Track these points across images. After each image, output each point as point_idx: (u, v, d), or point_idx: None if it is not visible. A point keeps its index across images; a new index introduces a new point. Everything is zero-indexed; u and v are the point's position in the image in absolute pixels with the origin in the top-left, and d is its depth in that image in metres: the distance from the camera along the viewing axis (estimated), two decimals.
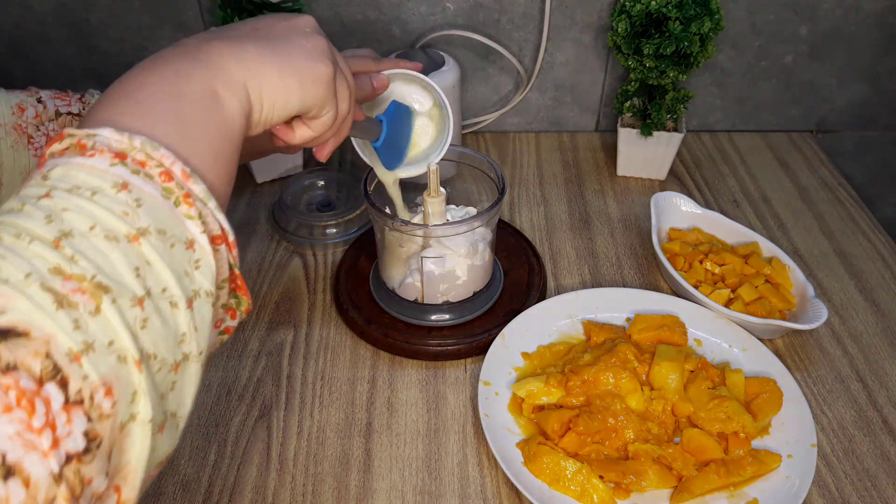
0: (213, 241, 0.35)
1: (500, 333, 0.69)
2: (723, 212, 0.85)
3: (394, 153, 0.64)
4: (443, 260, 0.69)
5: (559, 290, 0.78)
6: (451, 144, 0.67)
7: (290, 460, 0.62)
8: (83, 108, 0.61)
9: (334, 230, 0.84)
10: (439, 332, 0.71)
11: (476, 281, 0.72)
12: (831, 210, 0.90)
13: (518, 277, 0.77)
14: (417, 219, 0.70)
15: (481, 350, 0.69)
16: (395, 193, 0.68)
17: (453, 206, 0.73)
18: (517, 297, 0.75)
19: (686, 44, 0.80)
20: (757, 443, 0.61)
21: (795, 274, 0.74)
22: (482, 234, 0.70)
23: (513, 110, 1.03)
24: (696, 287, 0.73)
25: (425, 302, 0.71)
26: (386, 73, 0.62)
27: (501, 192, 0.68)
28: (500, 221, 0.82)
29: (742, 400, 0.63)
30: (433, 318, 0.72)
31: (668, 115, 0.89)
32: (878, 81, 1.01)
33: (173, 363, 0.31)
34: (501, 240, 0.81)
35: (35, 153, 0.58)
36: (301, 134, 0.47)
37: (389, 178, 0.67)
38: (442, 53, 0.88)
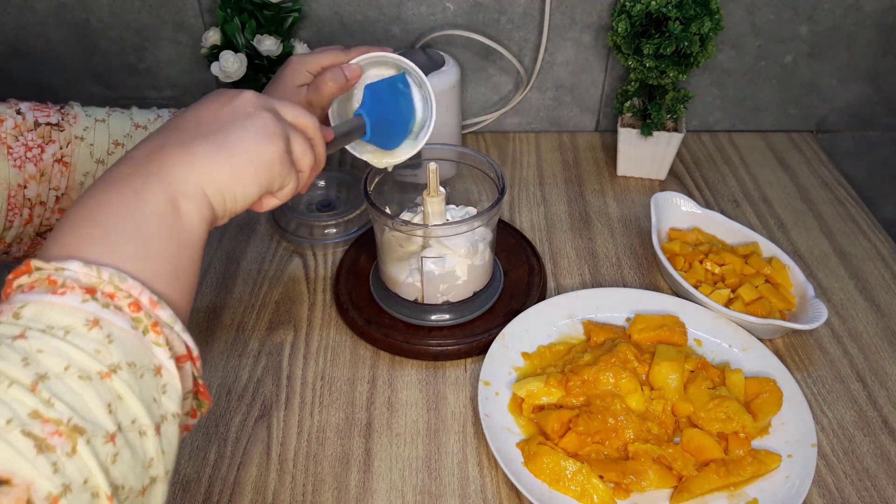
0: (178, 360, 0.36)
1: (500, 333, 0.69)
2: (723, 212, 0.85)
3: (392, 132, 0.62)
4: (443, 260, 0.69)
5: (559, 290, 0.78)
6: (451, 144, 0.66)
7: (290, 460, 0.62)
8: (62, 119, 0.62)
9: (334, 230, 0.84)
10: (439, 332, 0.71)
11: (476, 281, 0.72)
12: (831, 210, 0.90)
13: (518, 277, 0.77)
14: (417, 219, 0.70)
15: (481, 350, 0.69)
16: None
17: (453, 206, 0.73)
18: (517, 297, 0.75)
19: (686, 44, 0.80)
20: (757, 443, 0.61)
21: (795, 274, 0.74)
22: (482, 234, 0.70)
23: (513, 110, 1.03)
24: (696, 287, 0.73)
25: (425, 302, 0.71)
26: (356, 60, 0.61)
27: (501, 192, 0.68)
28: (500, 221, 0.82)
29: (742, 400, 0.63)
30: (433, 318, 0.72)
31: (668, 115, 0.89)
32: (878, 81, 1.01)
33: (140, 488, 0.32)
34: (501, 240, 0.81)
35: (14, 163, 0.59)
36: (269, 204, 0.48)
37: (389, 163, 0.65)
38: (442, 53, 0.88)
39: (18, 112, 0.60)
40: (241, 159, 0.43)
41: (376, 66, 0.63)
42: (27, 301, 0.33)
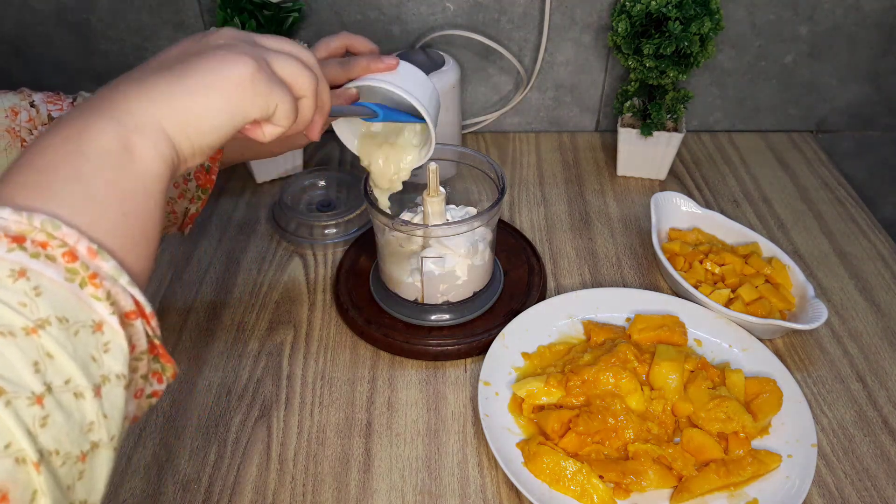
0: (126, 316, 0.33)
1: (500, 333, 0.69)
2: (723, 212, 0.85)
3: (401, 114, 0.60)
4: (443, 260, 0.69)
5: (559, 290, 0.78)
6: (451, 144, 0.66)
7: (290, 460, 0.62)
8: None
9: (334, 230, 0.84)
10: (439, 332, 0.71)
11: (476, 281, 0.72)
12: (831, 210, 0.90)
13: (518, 277, 0.77)
14: (417, 219, 0.70)
15: (481, 350, 0.69)
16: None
17: (453, 206, 0.73)
18: (517, 297, 0.75)
19: (686, 44, 0.80)
20: (757, 443, 0.61)
21: (795, 274, 0.74)
22: (482, 234, 0.70)
23: (513, 110, 1.03)
24: (696, 287, 0.73)
25: (425, 302, 0.71)
26: (354, 84, 0.58)
27: (501, 192, 0.68)
28: (500, 221, 0.82)
29: (742, 400, 0.63)
30: (433, 318, 0.72)
31: (668, 115, 0.89)
32: (878, 81, 1.01)
33: (79, 454, 0.30)
34: (501, 240, 0.81)
35: None
36: (269, 132, 0.44)
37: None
38: (442, 53, 0.88)
39: (32, 105, 0.59)
40: (203, 84, 0.39)
41: (373, 94, 0.61)
42: None
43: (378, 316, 0.72)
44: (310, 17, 0.93)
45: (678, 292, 0.76)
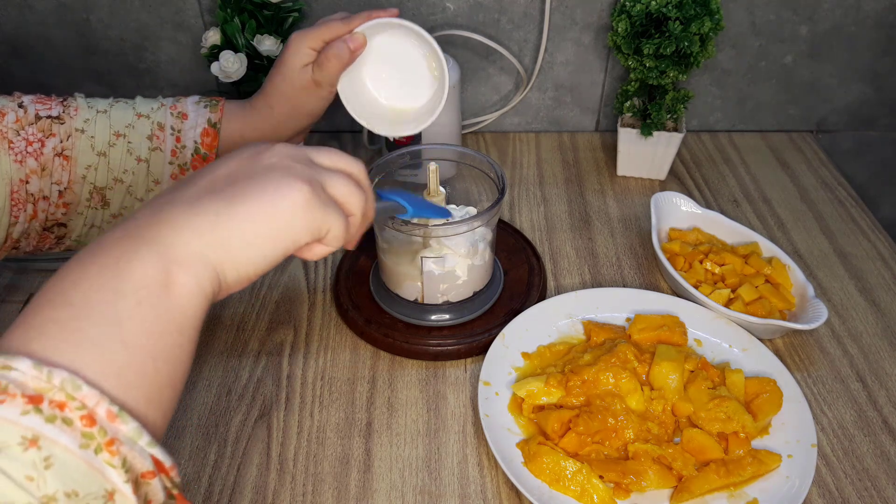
0: (142, 476, 0.31)
1: (500, 333, 0.69)
2: (723, 212, 0.85)
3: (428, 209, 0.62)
4: (443, 260, 0.69)
5: (559, 290, 0.78)
6: (451, 144, 0.67)
7: (290, 460, 0.62)
8: (63, 111, 0.61)
9: None
10: (439, 332, 0.71)
11: (476, 281, 0.72)
12: (831, 210, 0.90)
13: (518, 277, 0.77)
14: (417, 218, 0.70)
15: (481, 350, 0.69)
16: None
17: (453, 206, 0.73)
18: (517, 297, 0.75)
19: (686, 44, 0.80)
20: (757, 443, 0.61)
21: (795, 274, 0.74)
22: (482, 234, 0.70)
23: (513, 110, 1.03)
24: (696, 287, 0.73)
25: (425, 302, 0.71)
26: (360, 28, 0.59)
27: (501, 192, 0.68)
28: (500, 221, 0.82)
29: (742, 400, 0.63)
30: (433, 318, 0.72)
31: (668, 115, 0.89)
32: (878, 81, 1.01)
33: None
34: (501, 240, 0.81)
35: (15, 158, 0.57)
36: (319, 252, 0.42)
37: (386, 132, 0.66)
38: None
39: (20, 105, 0.59)
40: (253, 212, 0.36)
41: (382, 31, 0.62)
42: None
43: (378, 316, 0.72)
44: (310, 17, 0.93)
45: (678, 292, 0.76)
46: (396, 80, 0.67)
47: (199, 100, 0.66)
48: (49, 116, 0.60)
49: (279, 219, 0.37)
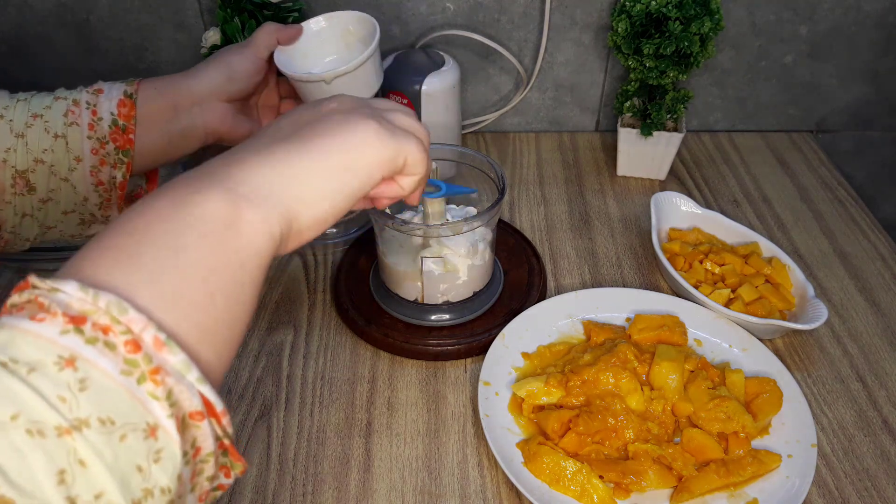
0: (190, 416, 0.29)
1: (500, 333, 0.69)
2: (723, 212, 0.85)
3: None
4: (443, 260, 0.69)
5: (559, 290, 0.78)
6: (451, 144, 0.67)
7: (290, 460, 0.62)
8: None
9: (334, 230, 0.84)
10: (439, 332, 0.71)
11: (476, 281, 0.72)
12: (831, 210, 0.90)
13: (518, 277, 0.77)
14: (417, 219, 0.70)
15: (481, 350, 0.69)
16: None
17: (453, 206, 0.73)
18: (517, 297, 0.75)
19: (686, 44, 0.80)
20: (757, 443, 0.61)
21: (795, 274, 0.74)
22: (482, 234, 0.70)
23: (513, 110, 1.03)
24: (696, 287, 0.73)
25: (425, 302, 0.71)
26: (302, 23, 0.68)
27: (501, 192, 0.68)
28: (500, 221, 0.82)
29: (742, 400, 0.63)
30: (433, 318, 0.72)
31: (668, 115, 0.89)
32: (878, 81, 1.01)
33: None
34: (501, 240, 0.81)
35: None
36: (406, 183, 0.42)
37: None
38: (442, 53, 0.88)
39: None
40: (325, 148, 0.37)
41: (341, 25, 0.70)
42: (3, 324, 0.27)
43: (378, 316, 0.72)
44: (310, 17, 0.93)
45: (678, 292, 0.76)
46: (332, 56, 0.72)
47: (117, 81, 0.64)
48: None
49: (352, 151, 0.38)
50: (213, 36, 0.88)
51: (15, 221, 0.61)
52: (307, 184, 0.36)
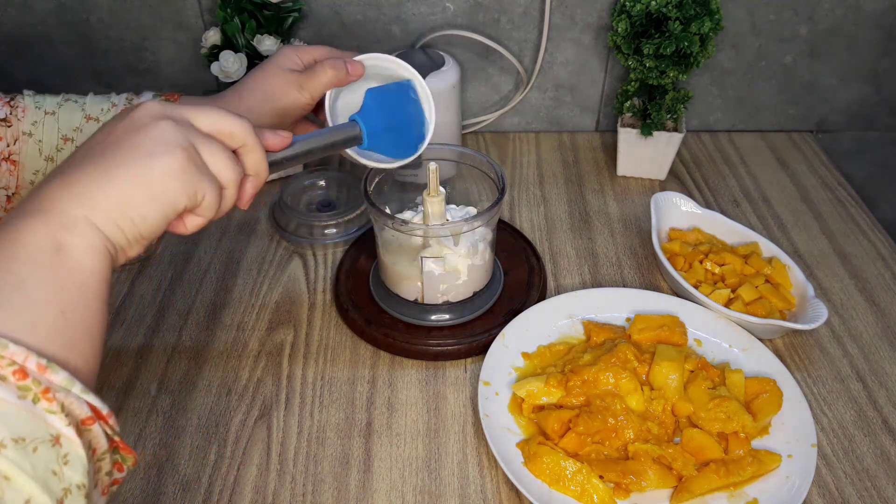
0: (82, 423, 0.33)
1: (500, 333, 0.69)
2: (723, 212, 0.85)
3: (400, 140, 0.59)
4: (443, 260, 0.69)
5: (559, 290, 0.78)
6: (451, 144, 0.66)
7: (290, 460, 0.62)
8: (10, 113, 0.59)
9: (334, 230, 0.84)
10: (439, 332, 0.71)
11: (476, 281, 0.72)
12: (831, 210, 0.90)
13: (518, 277, 0.77)
14: (417, 219, 0.70)
15: (481, 350, 0.69)
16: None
17: (453, 206, 0.73)
18: (517, 297, 0.75)
19: (686, 44, 0.80)
20: (757, 443, 0.61)
21: (795, 274, 0.74)
22: (482, 234, 0.70)
23: (513, 110, 1.03)
24: (696, 287, 0.73)
25: (425, 302, 0.71)
26: (361, 57, 0.59)
27: (501, 192, 0.68)
28: (500, 221, 0.82)
29: (742, 400, 0.63)
30: (433, 318, 0.72)
31: (668, 115, 0.89)
32: (878, 81, 1.01)
33: None
34: (501, 240, 0.81)
35: None
36: (192, 224, 0.43)
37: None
38: (442, 53, 0.88)
39: None
40: (126, 177, 0.38)
41: (377, 70, 0.61)
42: None
43: (378, 316, 0.72)
44: (310, 17, 0.93)
45: (678, 292, 0.76)
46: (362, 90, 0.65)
47: (155, 95, 0.63)
48: None
49: (154, 183, 0.39)
50: (213, 36, 0.88)
51: None
52: (113, 211, 0.38)
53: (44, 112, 0.60)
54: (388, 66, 0.61)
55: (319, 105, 0.62)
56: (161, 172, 0.39)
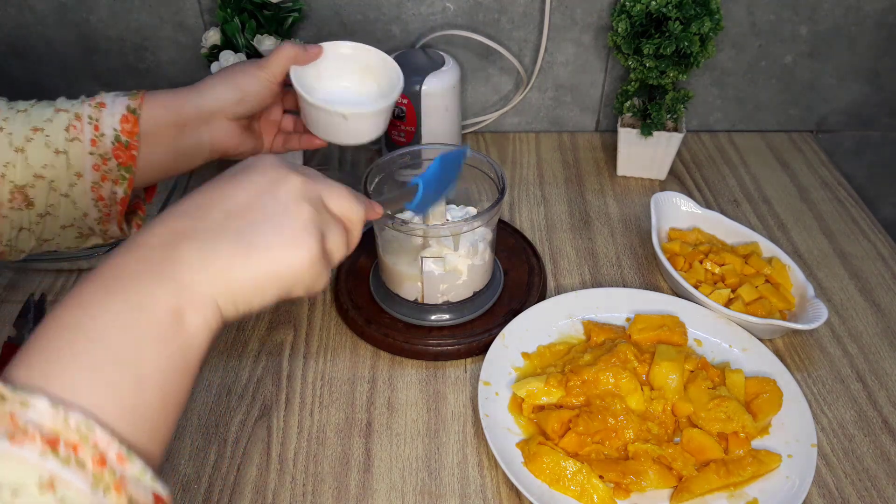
0: None
1: (500, 333, 0.69)
2: (723, 212, 0.85)
3: (432, 201, 0.62)
4: (443, 260, 0.69)
5: (559, 290, 0.78)
6: (450, 145, 0.67)
7: (290, 460, 0.62)
8: None
9: None
10: (439, 332, 0.71)
11: (476, 281, 0.72)
12: (831, 210, 0.90)
13: (518, 277, 0.77)
14: (417, 219, 0.70)
15: (481, 350, 0.69)
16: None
17: (453, 206, 0.73)
18: (517, 297, 0.75)
19: (686, 44, 0.80)
20: (757, 443, 0.61)
21: (795, 274, 0.74)
22: (482, 234, 0.70)
23: (513, 110, 1.03)
24: (696, 287, 0.73)
25: (425, 302, 0.71)
26: (324, 44, 0.66)
27: (501, 192, 0.68)
28: (500, 221, 0.82)
29: (742, 400, 0.63)
30: (433, 318, 0.72)
31: (668, 115, 0.89)
32: (878, 81, 1.01)
33: None
34: (501, 240, 0.81)
35: None
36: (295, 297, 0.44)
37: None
38: (442, 53, 0.88)
39: None
40: (265, 267, 0.39)
41: (356, 58, 0.67)
42: None
43: (378, 316, 0.72)
44: (310, 17, 0.93)
45: (678, 292, 0.76)
46: (345, 84, 0.69)
47: (120, 93, 0.62)
48: None
49: (286, 276, 0.40)
50: (213, 36, 0.88)
51: (11, 235, 0.59)
52: (239, 294, 0.38)
53: (16, 111, 0.58)
54: (357, 54, 0.67)
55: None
56: (296, 267, 0.40)
